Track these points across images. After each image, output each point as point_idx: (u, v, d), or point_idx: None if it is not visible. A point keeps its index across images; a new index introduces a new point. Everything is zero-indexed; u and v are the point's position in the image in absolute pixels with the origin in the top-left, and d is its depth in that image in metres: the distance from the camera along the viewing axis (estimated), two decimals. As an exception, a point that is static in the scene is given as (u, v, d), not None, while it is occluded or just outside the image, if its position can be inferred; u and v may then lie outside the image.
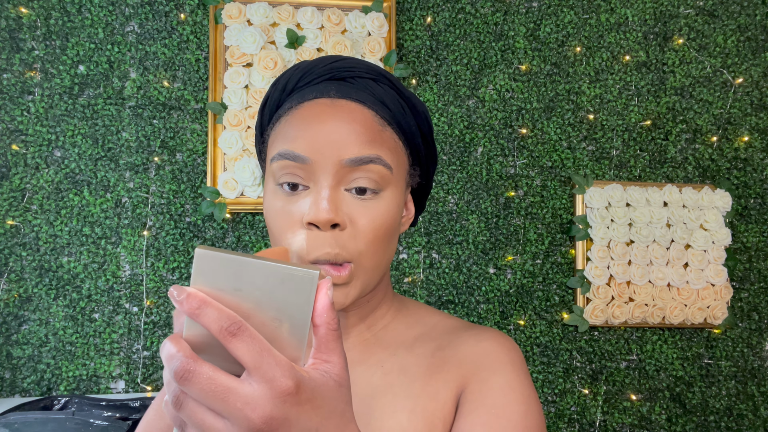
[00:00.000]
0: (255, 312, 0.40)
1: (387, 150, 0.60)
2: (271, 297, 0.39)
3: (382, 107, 0.61)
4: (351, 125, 0.58)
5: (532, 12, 1.94)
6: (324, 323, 0.41)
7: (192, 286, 0.39)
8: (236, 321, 0.37)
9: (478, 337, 0.65)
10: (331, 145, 0.57)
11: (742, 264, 1.97)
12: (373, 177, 0.58)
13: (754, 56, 2.03)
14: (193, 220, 1.74)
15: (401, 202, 0.62)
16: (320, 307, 0.41)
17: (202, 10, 1.79)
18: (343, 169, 0.57)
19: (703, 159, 1.98)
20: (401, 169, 0.62)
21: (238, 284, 0.39)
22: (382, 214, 0.59)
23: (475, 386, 0.60)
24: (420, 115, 0.65)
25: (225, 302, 0.39)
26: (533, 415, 0.59)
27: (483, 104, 1.89)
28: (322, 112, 0.59)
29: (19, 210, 1.67)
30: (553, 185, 1.91)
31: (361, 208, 0.58)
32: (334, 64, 0.62)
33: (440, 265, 1.84)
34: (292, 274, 0.39)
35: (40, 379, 1.65)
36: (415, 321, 0.69)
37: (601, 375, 1.88)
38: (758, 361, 1.95)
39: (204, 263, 0.39)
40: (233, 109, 1.73)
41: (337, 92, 0.61)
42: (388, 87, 0.62)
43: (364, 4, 1.81)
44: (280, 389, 0.37)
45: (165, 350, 0.38)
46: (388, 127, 0.61)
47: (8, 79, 1.68)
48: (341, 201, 0.57)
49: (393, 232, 0.61)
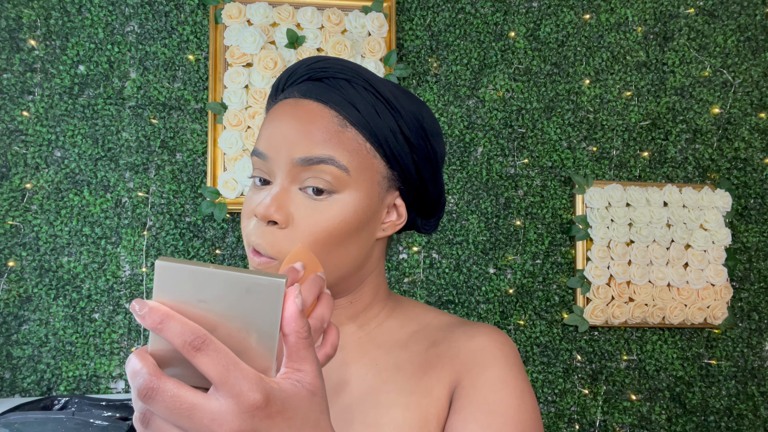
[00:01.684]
0: (221, 323, 0.39)
1: (344, 151, 0.58)
2: (237, 307, 0.38)
3: (349, 108, 0.60)
4: (305, 125, 0.58)
5: (532, 12, 1.94)
6: (293, 332, 0.40)
7: (154, 299, 0.38)
8: (200, 335, 0.36)
9: (471, 333, 0.65)
10: (285, 144, 0.58)
11: (742, 264, 1.97)
12: (326, 178, 0.58)
13: (754, 56, 2.03)
14: (193, 220, 1.74)
15: (367, 206, 0.60)
16: (288, 315, 0.40)
17: (202, 10, 1.79)
18: (295, 168, 0.58)
19: (703, 159, 1.98)
20: (366, 172, 0.60)
21: (201, 296, 0.38)
22: (332, 216, 0.58)
23: (469, 381, 0.61)
24: (402, 115, 0.62)
25: (189, 315, 0.38)
26: (527, 410, 0.59)
27: (483, 104, 1.89)
28: (284, 112, 0.60)
29: (19, 210, 1.67)
30: (553, 185, 1.91)
31: (309, 210, 0.58)
32: (313, 65, 0.62)
33: (440, 265, 1.84)
34: (257, 283, 0.38)
35: (40, 379, 1.65)
36: (409, 319, 0.69)
37: (601, 375, 1.88)
38: (758, 361, 1.95)
39: (166, 275, 0.38)
40: (233, 109, 1.73)
41: (303, 93, 0.61)
42: (362, 88, 0.61)
43: (364, 4, 1.81)
44: (247, 403, 0.36)
45: (130, 366, 0.37)
46: (351, 128, 0.59)
47: (8, 79, 1.68)
48: (290, 200, 0.58)
49: (347, 236, 0.59)
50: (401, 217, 0.65)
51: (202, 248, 1.73)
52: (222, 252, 1.75)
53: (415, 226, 0.71)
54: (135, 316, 0.37)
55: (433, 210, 0.70)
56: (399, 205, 0.65)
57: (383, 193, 0.62)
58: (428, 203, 0.68)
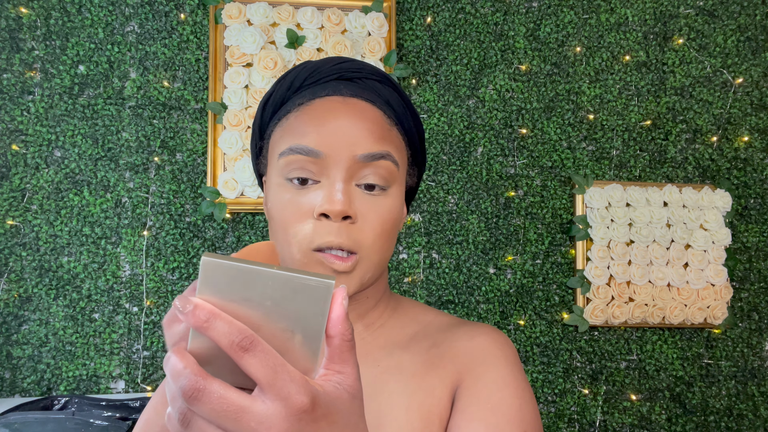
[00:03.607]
0: (265, 323, 0.38)
1: (394, 148, 0.62)
2: (283, 307, 0.37)
3: (389, 108, 0.64)
4: (364, 122, 0.60)
5: (532, 12, 1.94)
6: (339, 334, 0.39)
7: (198, 296, 0.37)
8: (248, 335, 0.36)
9: (471, 333, 0.66)
10: (345, 141, 0.59)
11: (742, 264, 1.97)
12: (383, 173, 0.60)
13: (754, 56, 2.03)
14: (193, 220, 1.74)
15: (402, 202, 0.64)
16: (335, 317, 0.39)
17: (202, 10, 1.79)
18: (355, 165, 0.59)
19: (703, 159, 1.98)
20: (404, 168, 0.65)
21: (247, 294, 0.37)
22: (388, 209, 0.61)
23: (470, 382, 0.61)
24: (417, 118, 0.68)
25: (233, 313, 0.37)
26: (528, 409, 0.60)
27: (483, 104, 1.89)
28: (335, 108, 0.61)
29: (19, 210, 1.67)
30: (553, 185, 1.91)
31: (370, 204, 0.60)
32: (343, 64, 0.65)
33: (440, 265, 1.84)
34: (306, 284, 0.37)
35: (40, 379, 1.65)
36: (410, 320, 0.69)
37: (601, 375, 1.88)
38: (758, 361, 1.95)
39: (211, 272, 0.36)
40: (233, 109, 1.73)
41: (348, 91, 0.63)
42: (391, 89, 0.65)
43: (364, 4, 1.81)
44: (295, 407, 0.35)
45: (170, 365, 0.36)
46: (395, 126, 0.64)
47: (8, 79, 1.68)
48: (353, 195, 0.59)
49: (396, 229, 0.63)
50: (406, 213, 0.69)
51: (202, 248, 1.73)
52: (222, 252, 1.75)
53: None
54: (178, 314, 0.36)
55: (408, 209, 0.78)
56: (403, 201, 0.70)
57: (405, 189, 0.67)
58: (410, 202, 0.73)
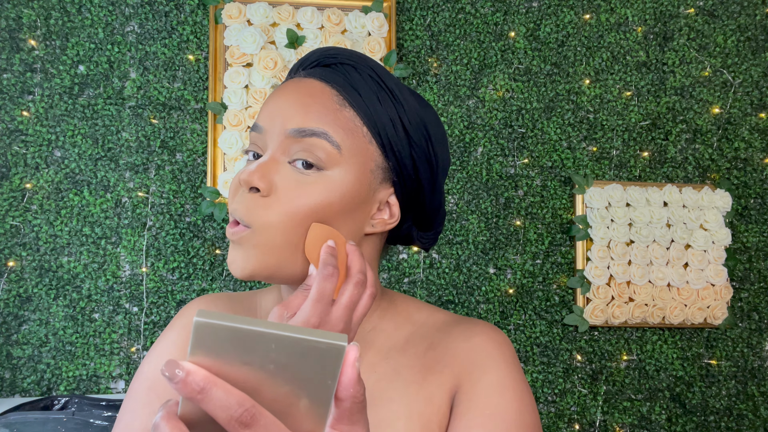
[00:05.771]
0: (267, 386, 0.34)
1: (339, 129, 0.57)
2: (288, 370, 0.34)
3: (351, 90, 0.59)
4: (303, 98, 0.58)
5: (532, 12, 1.94)
6: (350, 397, 0.36)
7: (190, 359, 0.33)
8: (248, 408, 0.32)
9: (468, 333, 0.64)
10: (280, 115, 0.58)
11: (742, 264, 1.97)
12: (317, 153, 0.56)
13: (754, 56, 2.03)
14: (193, 220, 1.74)
15: (356, 192, 0.58)
16: (347, 380, 0.35)
17: (202, 10, 1.79)
18: (287, 140, 0.57)
19: (703, 159, 1.98)
20: (359, 156, 0.58)
21: (247, 358, 0.33)
22: (317, 192, 0.56)
23: (469, 386, 0.60)
24: (405, 109, 0.61)
25: (230, 377, 0.33)
26: (528, 413, 0.59)
27: (483, 104, 1.89)
28: (285, 88, 0.61)
29: (19, 210, 1.67)
30: (553, 185, 1.91)
31: (294, 182, 0.56)
32: (325, 51, 0.63)
33: (440, 265, 1.84)
34: (315, 347, 0.33)
35: (40, 379, 1.65)
36: (404, 319, 0.67)
37: (601, 375, 1.88)
38: (758, 361, 1.95)
39: (205, 335, 0.32)
40: (233, 109, 1.73)
41: (308, 74, 0.61)
42: (368, 75, 0.60)
43: (364, 4, 1.81)
44: None
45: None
46: (350, 109, 0.59)
47: (8, 79, 1.68)
48: (276, 170, 0.57)
49: (329, 218, 0.57)
50: (393, 216, 0.62)
51: (202, 248, 1.73)
52: (222, 252, 1.75)
53: (410, 238, 0.68)
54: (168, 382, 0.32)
55: (431, 221, 0.67)
56: (393, 203, 0.62)
57: (375, 184, 0.60)
58: (424, 210, 0.65)
